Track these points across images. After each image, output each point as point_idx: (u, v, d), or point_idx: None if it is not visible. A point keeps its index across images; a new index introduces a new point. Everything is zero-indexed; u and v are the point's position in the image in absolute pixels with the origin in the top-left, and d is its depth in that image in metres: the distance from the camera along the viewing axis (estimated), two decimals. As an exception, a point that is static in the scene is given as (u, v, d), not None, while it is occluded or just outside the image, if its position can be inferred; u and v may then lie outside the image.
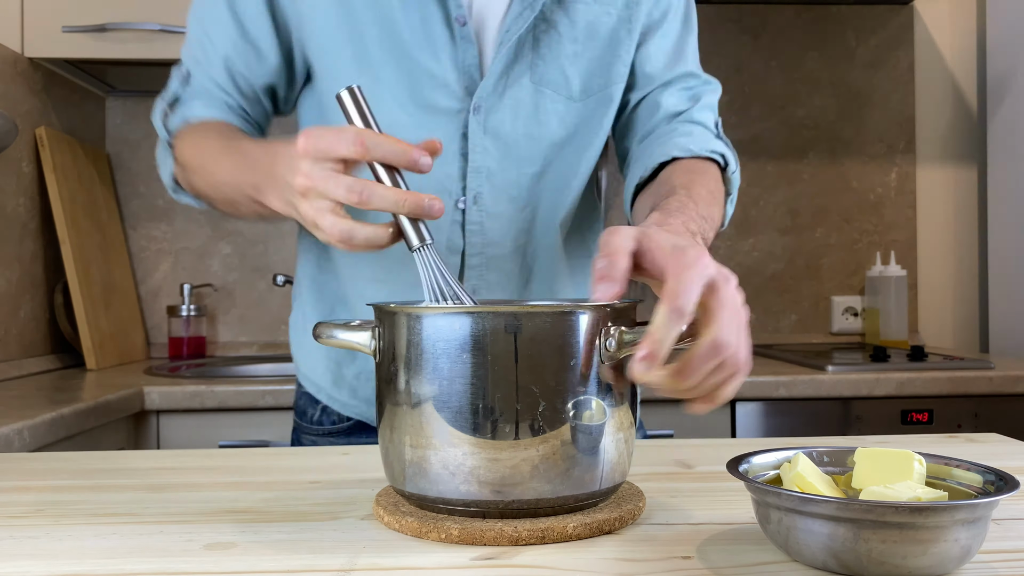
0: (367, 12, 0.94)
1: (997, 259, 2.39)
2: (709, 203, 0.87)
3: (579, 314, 0.61)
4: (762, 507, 0.56)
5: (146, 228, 2.37)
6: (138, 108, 2.36)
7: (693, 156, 0.95)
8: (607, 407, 0.62)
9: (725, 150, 0.99)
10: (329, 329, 0.68)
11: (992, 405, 1.84)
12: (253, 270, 2.39)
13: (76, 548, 0.60)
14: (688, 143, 0.96)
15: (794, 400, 1.80)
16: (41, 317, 2.02)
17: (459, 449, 0.60)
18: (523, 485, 0.60)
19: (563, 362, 0.60)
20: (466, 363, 0.60)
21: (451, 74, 0.95)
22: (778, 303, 2.49)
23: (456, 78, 0.95)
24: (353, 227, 0.70)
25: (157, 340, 2.34)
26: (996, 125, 2.40)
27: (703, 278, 0.58)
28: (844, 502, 0.51)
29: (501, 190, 0.98)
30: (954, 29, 2.54)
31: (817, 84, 2.48)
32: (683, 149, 0.95)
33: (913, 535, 0.50)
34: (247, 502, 0.72)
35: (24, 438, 1.25)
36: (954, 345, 2.54)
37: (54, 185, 1.97)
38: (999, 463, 0.81)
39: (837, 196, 2.50)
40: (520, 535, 0.59)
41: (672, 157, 0.95)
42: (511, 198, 0.99)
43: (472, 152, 0.97)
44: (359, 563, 0.56)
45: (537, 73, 0.97)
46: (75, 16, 1.92)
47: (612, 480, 0.64)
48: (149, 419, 1.68)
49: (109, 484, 0.78)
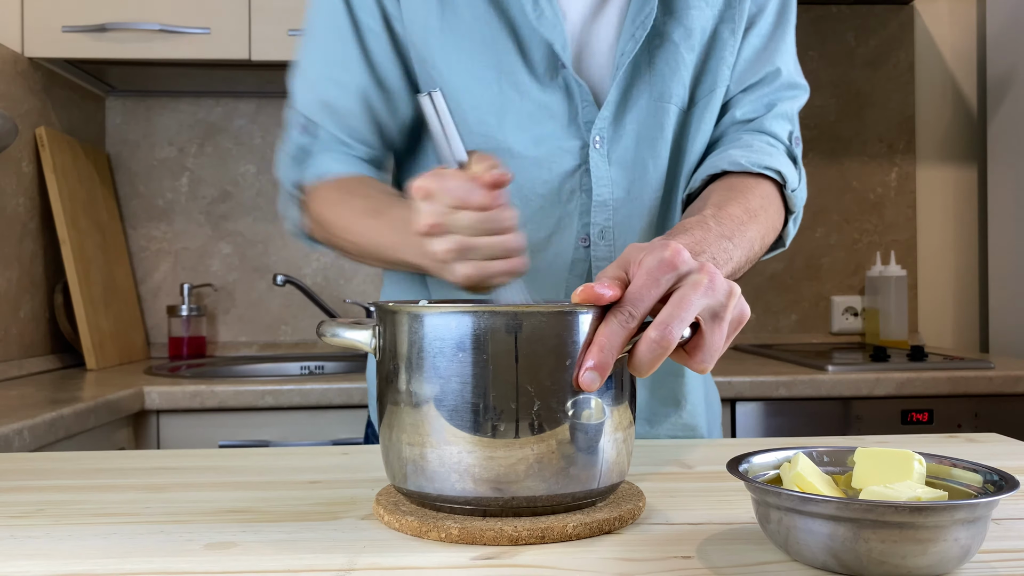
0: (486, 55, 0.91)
1: (997, 259, 2.39)
2: (742, 222, 0.84)
3: (577, 313, 0.61)
4: (762, 507, 0.56)
5: (146, 228, 2.37)
6: (138, 108, 2.36)
7: (744, 171, 0.91)
8: (605, 406, 0.62)
9: (784, 166, 0.94)
10: (332, 327, 0.68)
11: (992, 405, 1.84)
12: (253, 270, 2.39)
13: (76, 548, 0.60)
14: (740, 156, 0.91)
15: (794, 400, 1.80)
16: (41, 317, 2.02)
17: (457, 447, 0.60)
18: (521, 483, 0.60)
19: (561, 361, 0.60)
20: (465, 362, 0.60)
21: (566, 112, 0.92)
22: (778, 303, 2.49)
23: (572, 115, 0.92)
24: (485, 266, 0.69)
25: (157, 340, 2.34)
26: (996, 125, 2.40)
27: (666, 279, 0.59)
28: (844, 502, 0.51)
29: (632, 219, 0.95)
30: (954, 29, 2.54)
31: (817, 84, 2.48)
32: (733, 163, 0.91)
33: (913, 535, 0.50)
34: (247, 502, 0.72)
35: (24, 438, 1.25)
36: (954, 345, 2.54)
37: (54, 185, 1.97)
38: (999, 463, 0.81)
39: (837, 196, 2.50)
40: (520, 534, 0.59)
41: (721, 171, 0.92)
42: (642, 228, 0.95)
43: (597, 185, 0.93)
44: (359, 563, 0.56)
45: (656, 89, 0.93)
46: (75, 16, 1.92)
47: (610, 479, 0.64)
48: (149, 419, 1.69)
49: (109, 484, 0.78)
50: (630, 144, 0.93)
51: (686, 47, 0.93)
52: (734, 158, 0.91)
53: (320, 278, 2.40)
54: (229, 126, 2.38)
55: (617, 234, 0.94)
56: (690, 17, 0.93)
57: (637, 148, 0.94)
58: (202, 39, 1.95)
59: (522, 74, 0.91)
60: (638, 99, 0.93)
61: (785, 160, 0.95)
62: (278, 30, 1.96)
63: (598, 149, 0.92)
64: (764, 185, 0.92)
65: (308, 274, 2.39)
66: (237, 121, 2.38)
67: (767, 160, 0.92)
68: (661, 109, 0.94)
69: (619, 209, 0.94)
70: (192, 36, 1.94)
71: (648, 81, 0.93)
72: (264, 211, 2.39)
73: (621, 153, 0.93)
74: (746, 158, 0.91)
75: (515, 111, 0.92)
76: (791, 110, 1.00)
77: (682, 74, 0.94)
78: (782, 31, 1.00)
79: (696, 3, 0.93)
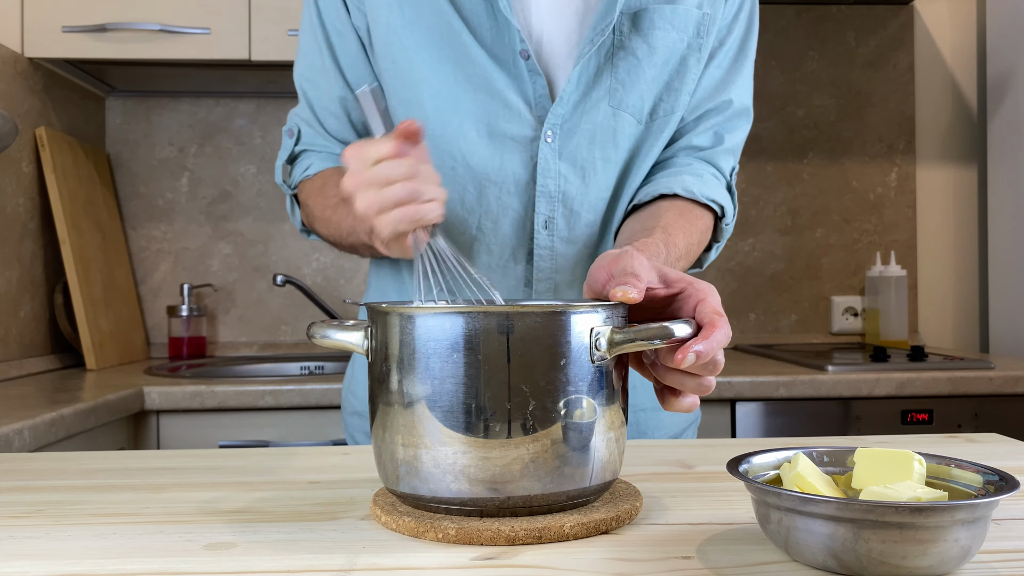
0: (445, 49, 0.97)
1: (997, 259, 2.39)
2: (680, 255, 0.92)
3: (570, 314, 0.61)
4: (762, 507, 0.56)
5: (146, 228, 2.37)
6: (138, 108, 2.36)
7: (693, 199, 0.99)
8: (597, 406, 0.62)
9: (726, 201, 1.02)
10: (323, 329, 0.68)
11: (992, 405, 1.84)
12: (253, 270, 2.39)
13: (76, 548, 0.60)
14: (693, 185, 0.99)
15: (794, 400, 1.80)
16: (41, 317, 2.02)
17: (452, 448, 0.60)
18: (517, 482, 0.60)
19: (554, 361, 0.60)
20: (458, 362, 0.60)
21: (521, 105, 0.97)
22: (778, 303, 2.49)
23: (526, 108, 0.97)
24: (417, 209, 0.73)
25: (157, 340, 2.34)
26: (996, 125, 2.40)
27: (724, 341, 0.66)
28: (844, 502, 0.51)
29: (578, 215, 1.00)
30: (954, 29, 2.54)
31: (817, 84, 2.49)
32: (686, 190, 0.98)
33: (913, 535, 0.50)
34: (247, 502, 0.72)
35: (24, 438, 1.25)
36: (954, 345, 2.54)
37: (54, 185, 1.97)
38: (999, 463, 0.81)
39: (837, 196, 2.50)
40: (517, 534, 0.59)
41: (674, 193, 0.99)
42: (588, 223, 1.01)
43: (543, 177, 0.98)
44: (359, 563, 0.56)
45: (616, 98, 0.98)
46: (75, 16, 1.92)
47: (603, 478, 0.64)
48: (149, 419, 1.69)
49: (109, 484, 0.78)
50: (583, 143, 0.99)
51: (648, 63, 0.98)
52: (687, 185, 0.99)
53: (320, 278, 2.40)
54: (229, 126, 2.38)
55: (563, 227, 1.00)
56: (655, 37, 0.98)
57: (590, 148, 0.99)
58: (202, 39, 1.95)
59: (480, 66, 0.96)
60: (598, 103, 0.98)
61: (725, 194, 1.03)
62: (278, 30, 1.96)
63: (549, 143, 0.98)
64: (706, 217, 1.01)
65: (308, 274, 2.39)
66: (237, 121, 2.38)
67: (714, 193, 1.01)
68: (618, 116, 0.99)
69: (565, 203, 1.00)
70: (192, 36, 1.94)
71: (608, 88, 0.98)
72: (264, 211, 2.39)
73: (572, 151, 0.99)
74: (698, 188, 0.99)
75: (470, 100, 0.97)
76: (735, 143, 1.07)
77: (641, 88, 0.99)
78: (740, 63, 1.06)
79: (661, 25, 0.98)
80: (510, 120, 0.97)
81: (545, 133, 0.97)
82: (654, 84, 0.99)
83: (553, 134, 0.97)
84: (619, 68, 0.98)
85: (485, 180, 0.98)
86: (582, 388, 0.61)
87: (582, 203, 1.00)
